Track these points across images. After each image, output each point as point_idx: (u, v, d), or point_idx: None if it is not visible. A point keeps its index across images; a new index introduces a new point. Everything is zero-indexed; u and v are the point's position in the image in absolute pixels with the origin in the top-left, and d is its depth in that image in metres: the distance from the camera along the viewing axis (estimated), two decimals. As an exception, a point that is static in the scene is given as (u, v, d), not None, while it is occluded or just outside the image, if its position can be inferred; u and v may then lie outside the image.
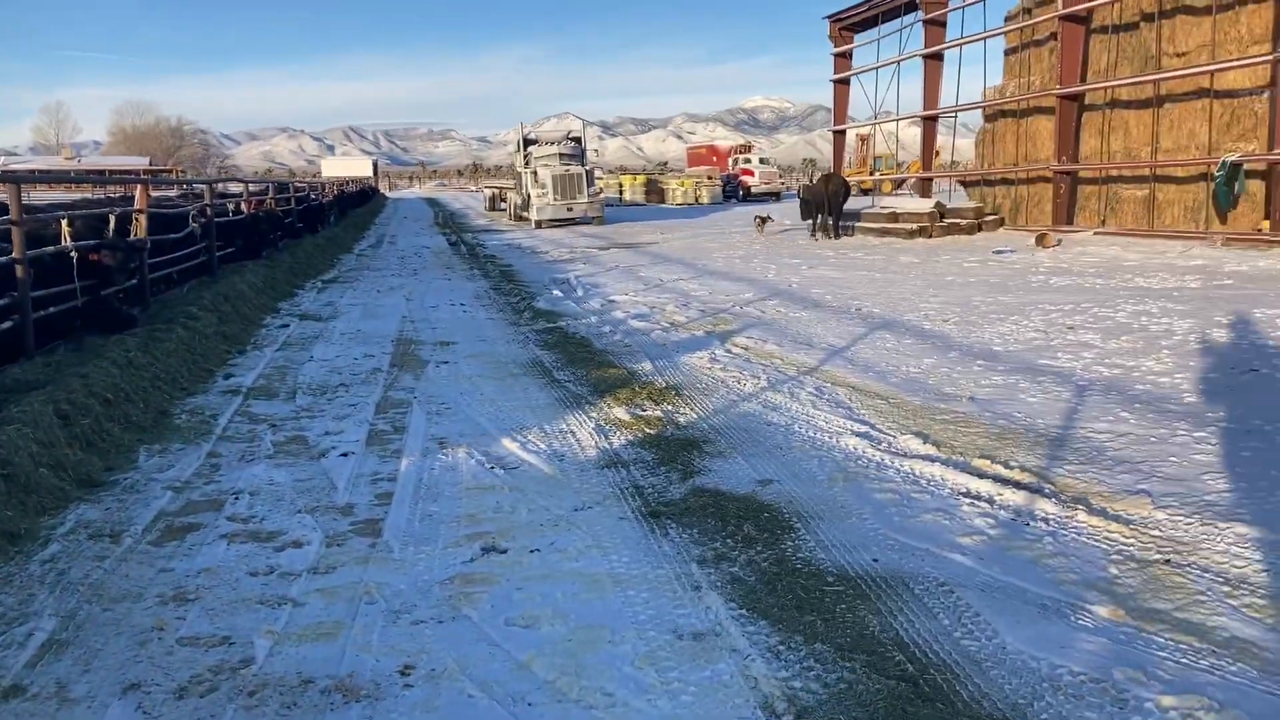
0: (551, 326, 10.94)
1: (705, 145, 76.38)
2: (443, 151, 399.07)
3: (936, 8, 25.48)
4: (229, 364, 8.66)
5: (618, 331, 10.52)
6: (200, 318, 9.16)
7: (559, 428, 6.48)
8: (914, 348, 9.02)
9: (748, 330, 10.38)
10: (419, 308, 12.86)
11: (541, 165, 33.68)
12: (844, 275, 15.32)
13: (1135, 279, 12.81)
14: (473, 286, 15.57)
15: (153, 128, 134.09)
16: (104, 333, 7.90)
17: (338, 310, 12.53)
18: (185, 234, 12.05)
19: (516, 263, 19.99)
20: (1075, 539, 4.37)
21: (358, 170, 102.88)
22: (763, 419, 6.61)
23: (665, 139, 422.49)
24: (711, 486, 5.15)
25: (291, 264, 16.15)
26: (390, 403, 7.26)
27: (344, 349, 9.62)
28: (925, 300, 11.98)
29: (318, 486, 5.26)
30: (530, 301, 13.18)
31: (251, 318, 10.93)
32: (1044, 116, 22.62)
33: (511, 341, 10.05)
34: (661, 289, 14.58)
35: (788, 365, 8.47)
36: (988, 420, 6.44)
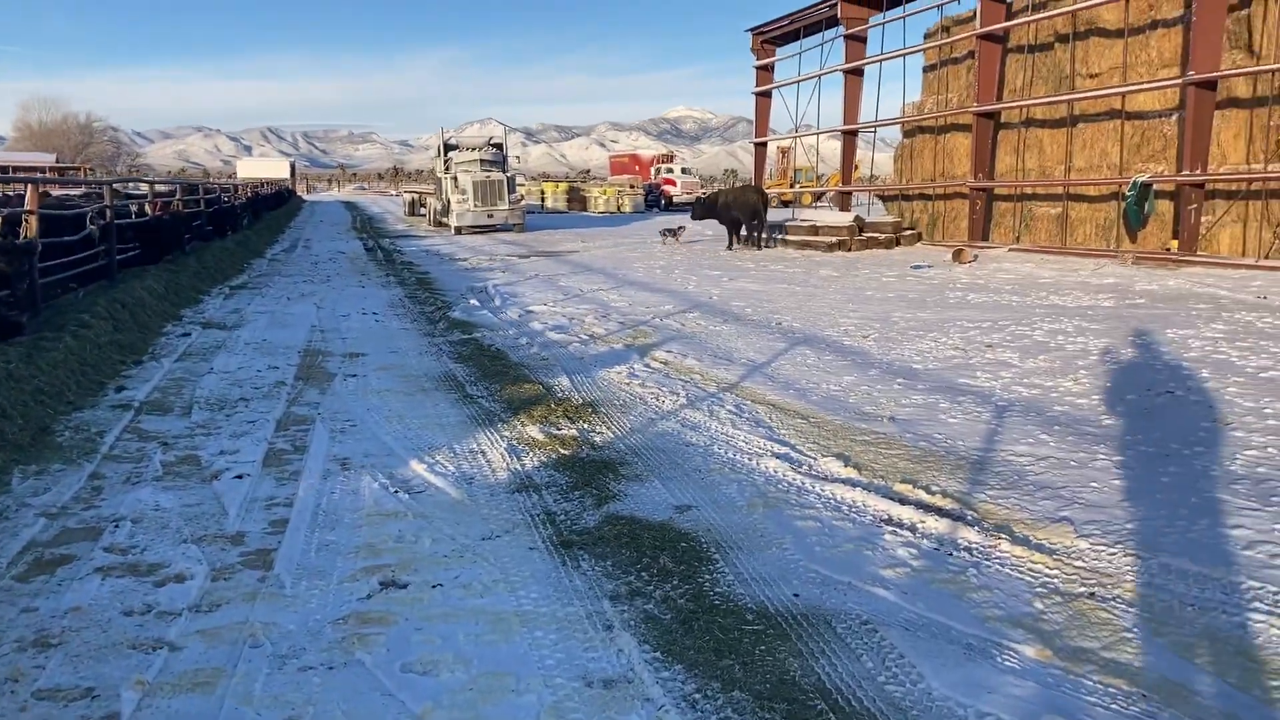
0: (467, 338, 10.64)
1: (628, 154, 76.40)
2: (363, 154, 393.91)
3: (857, 24, 25.69)
4: (122, 376, 8.21)
5: (535, 344, 10.27)
6: (93, 325, 8.68)
7: (469, 448, 6.21)
8: (834, 364, 8.92)
9: (668, 344, 10.20)
10: (330, 316, 12.44)
11: (462, 171, 33.24)
12: (764, 288, 15.26)
13: (1050, 297, 12.95)
14: (387, 294, 15.16)
15: (60, 124, 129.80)
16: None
17: (244, 318, 12.06)
18: (83, 236, 11.48)
19: (434, 270, 19.59)
20: (999, 570, 4.25)
21: (275, 172, 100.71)
22: (681, 439, 6.42)
23: (588, 147, 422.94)
24: (627, 513, 4.93)
25: (198, 268, 15.56)
26: (292, 419, 6.91)
27: (247, 360, 9.21)
28: (845, 315, 11.94)
29: (208, 512, 4.92)
30: (446, 311, 12.85)
31: (151, 326, 10.43)
32: (961, 133, 22.93)
33: (424, 353, 9.73)
34: (581, 299, 14.35)
35: (707, 381, 8.30)
36: (909, 442, 6.34)
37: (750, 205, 24.28)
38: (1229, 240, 16.18)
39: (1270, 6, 15.39)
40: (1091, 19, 18.94)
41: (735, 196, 25.36)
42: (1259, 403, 6.92)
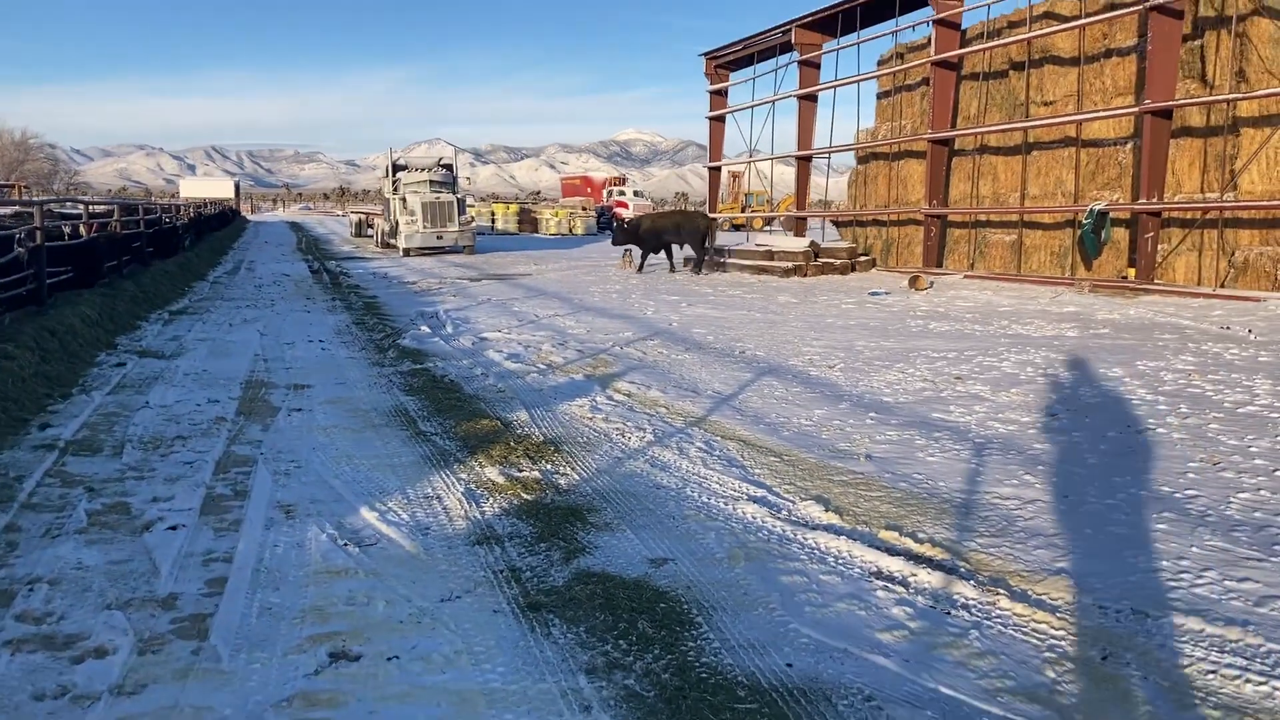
0: (418, 368, 10.20)
1: (580, 176, 76.18)
2: (309, 174, 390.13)
3: (811, 49, 25.66)
4: (48, 411, 7.66)
5: (490, 374, 9.86)
6: (17, 356, 8.13)
7: (424, 492, 5.79)
8: (803, 396, 8.63)
9: (630, 374, 9.85)
10: (274, 344, 11.93)
11: (411, 192, 32.74)
12: (724, 315, 14.98)
13: (1012, 325, 12.80)
14: (334, 320, 14.66)
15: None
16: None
17: (184, 347, 11.50)
18: (9, 260, 10.88)
19: (382, 294, 19.08)
20: (1002, 632, 3.94)
21: (218, 191, 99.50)
22: (651, 481, 6.06)
23: (538, 168, 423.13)
24: (599, 569, 4.56)
25: (136, 293, 14.94)
26: (233, 460, 6.45)
27: (186, 393, 8.70)
28: (808, 344, 11.67)
29: (136, 571, 4.46)
30: (396, 339, 12.39)
31: (82, 355, 9.86)
32: (915, 160, 22.93)
33: (374, 385, 9.28)
34: (537, 326, 13.96)
35: (674, 415, 7.96)
36: (888, 482, 6.03)
37: (699, 230, 24.20)
38: (1184, 269, 16.21)
39: (1223, 38, 15.48)
40: (1046, 47, 19.00)
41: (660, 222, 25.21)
42: (1243, 440, 6.72)
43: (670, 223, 25.13)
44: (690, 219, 25.40)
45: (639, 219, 26.34)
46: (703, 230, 24.21)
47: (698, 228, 24.38)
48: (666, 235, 24.48)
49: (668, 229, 24.67)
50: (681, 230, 24.51)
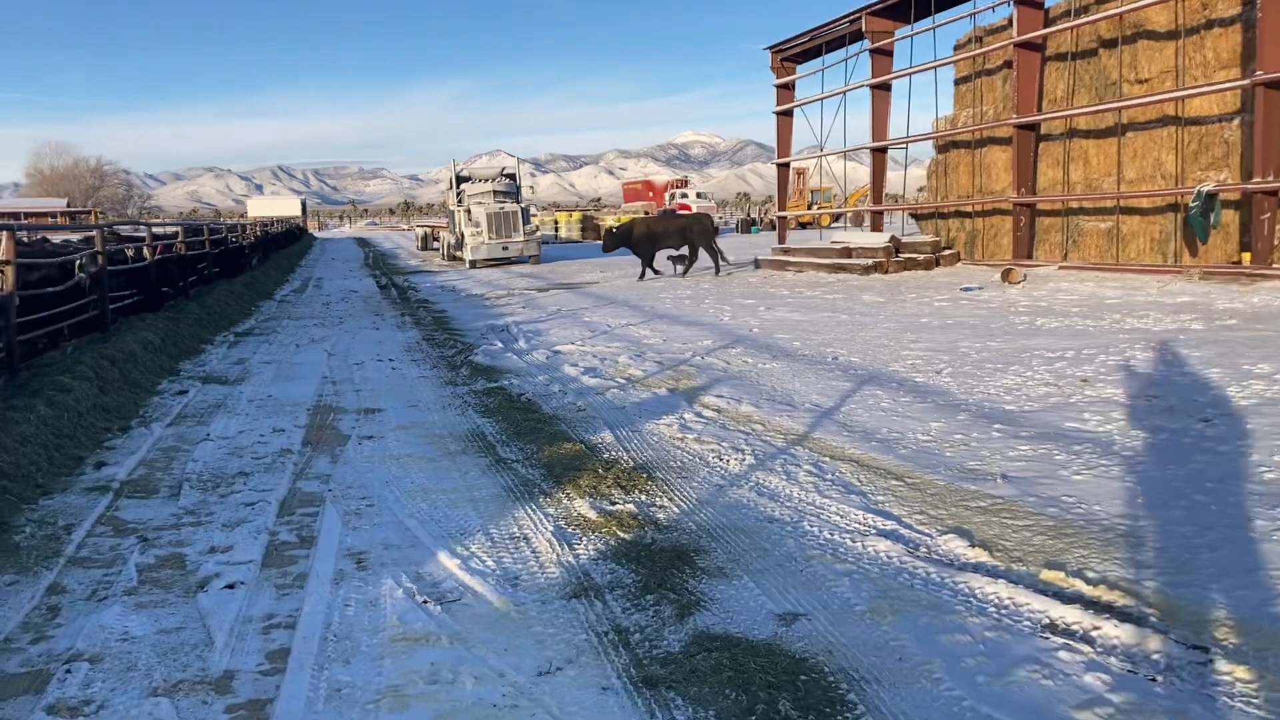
0: (493, 386, 9.61)
1: (642, 181, 75.72)
2: (374, 190, 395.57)
3: (882, 37, 24.74)
4: (105, 447, 7.18)
5: (568, 391, 9.24)
6: (74, 388, 7.68)
7: (509, 531, 5.16)
8: (914, 407, 7.85)
9: (716, 387, 9.15)
10: (342, 365, 11.44)
11: (475, 203, 32.39)
12: (808, 318, 14.21)
13: (1126, 319, 11.84)
14: (403, 337, 14.17)
15: (71, 169, 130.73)
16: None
17: (248, 371, 11.05)
18: (70, 286, 10.53)
19: (451, 308, 18.62)
20: (1230, 707, 3.17)
21: (285, 210, 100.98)
22: (761, 513, 5.35)
23: (597, 175, 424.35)
24: (720, 629, 3.87)
25: (201, 315, 14.61)
26: (299, 499, 5.88)
27: (250, 422, 8.20)
28: (906, 347, 10.87)
29: (188, 643, 3.88)
30: (468, 355, 11.83)
31: (143, 384, 9.44)
32: (999, 147, 21.89)
33: (447, 407, 8.71)
34: (611, 336, 13.33)
35: (772, 433, 7.24)
36: (1034, 508, 5.26)
37: (706, 230, 23.61)
38: (1303, 251, 15.03)
39: (1340, -1, 14.32)
40: (1139, 21, 17.89)
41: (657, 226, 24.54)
42: None
43: (671, 227, 24.32)
44: (697, 220, 24.67)
45: (630, 224, 25.38)
46: (709, 230, 23.57)
47: (705, 229, 23.75)
48: (664, 240, 23.63)
49: (665, 233, 23.79)
50: (688, 233, 23.73)
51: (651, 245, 23.47)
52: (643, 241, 23.43)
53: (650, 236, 23.58)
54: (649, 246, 23.42)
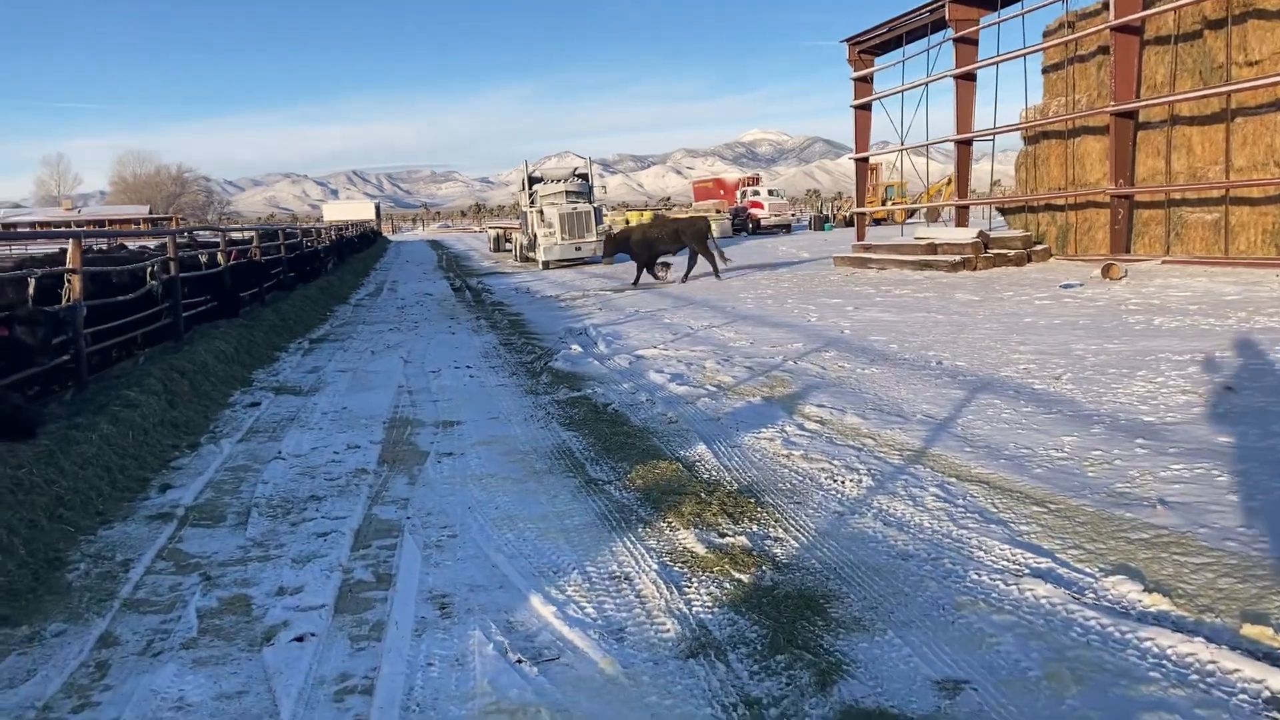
0: (576, 395, 9.08)
1: (712, 179, 74.94)
2: (446, 193, 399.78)
3: (967, 25, 23.77)
4: (171, 467, 6.78)
5: (656, 400, 8.67)
6: (141, 403, 7.30)
7: (608, 569, 4.59)
8: (1038, 418, 7.14)
9: (814, 394, 8.52)
10: (418, 373, 11.01)
11: (548, 204, 32.05)
12: (901, 318, 13.47)
13: (1255, 317, 10.92)
14: (479, 342, 13.73)
15: (154, 176, 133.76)
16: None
17: (323, 380, 10.66)
18: (141, 294, 10.24)
19: (526, 310, 18.19)
20: None
21: (360, 214, 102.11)
22: (891, 547, 4.72)
23: (665, 174, 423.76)
24: (871, 701, 3.25)
25: (275, 321, 14.33)
26: (375, 528, 5.38)
27: (324, 437, 7.76)
28: (1014, 349, 10.11)
29: (250, 712, 3.37)
30: (547, 360, 11.33)
31: (214, 395, 9.07)
32: (1093, 136, 20.85)
33: (530, 419, 8.19)
34: (694, 339, 12.74)
35: (886, 449, 6.59)
36: (1208, 541, 4.55)
37: (701, 233, 23.21)
38: None
39: None
40: (1249, 0, 16.80)
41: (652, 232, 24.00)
42: None
43: (665, 231, 23.99)
44: (690, 223, 24.32)
45: (629, 230, 25.40)
46: (703, 233, 23.28)
47: (699, 231, 23.42)
48: (659, 245, 23.44)
49: (661, 238, 23.56)
50: (682, 236, 23.42)
51: (647, 250, 23.44)
52: (639, 247, 23.46)
53: (646, 242, 23.54)
54: (645, 252, 23.42)
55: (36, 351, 6.80)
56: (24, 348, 6.72)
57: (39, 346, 6.81)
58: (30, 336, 6.73)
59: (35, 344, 6.77)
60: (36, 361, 6.86)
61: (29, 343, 6.74)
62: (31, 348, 6.75)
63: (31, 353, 6.77)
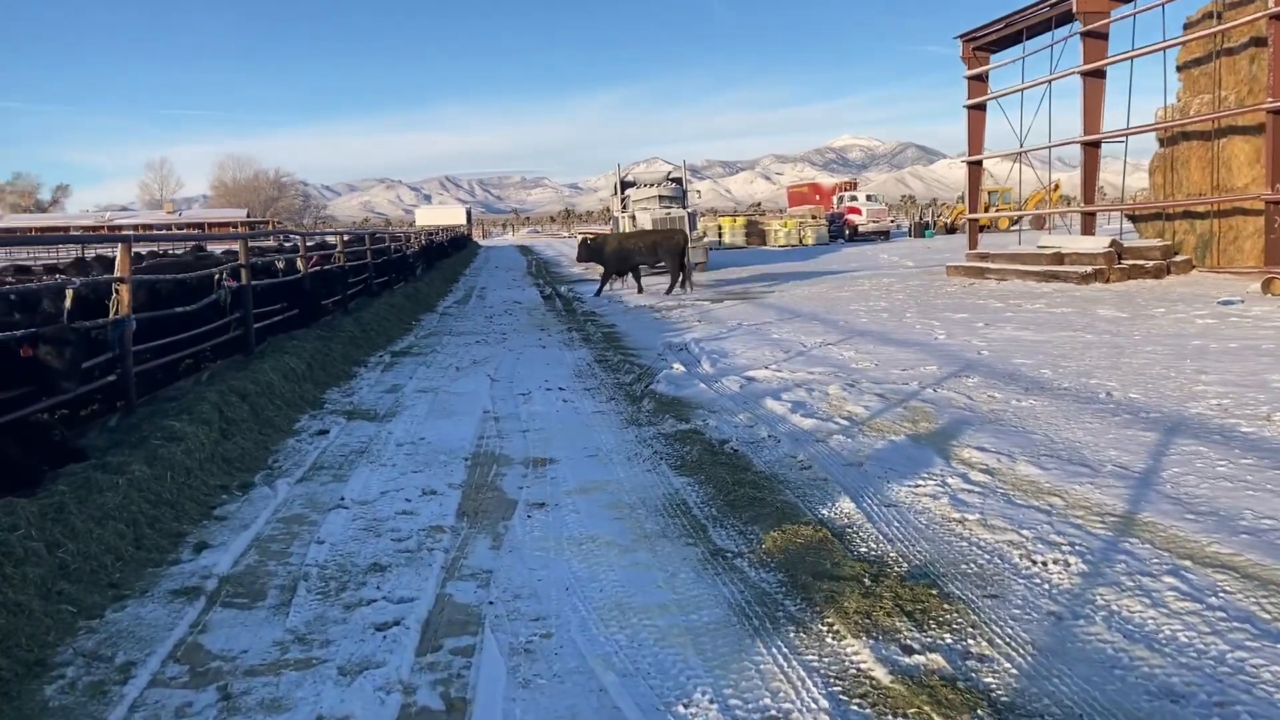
0: (685, 429, 7.85)
1: (808, 184, 73.26)
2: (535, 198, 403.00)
3: (1096, 18, 21.97)
4: (215, 516, 5.72)
5: (780, 436, 7.41)
6: (186, 436, 6.28)
7: (758, 702, 3.36)
8: (1268, 474, 5.71)
9: (968, 433, 7.18)
10: (506, 394, 9.91)
11: (640, 209, 30.90)
12: (1043, 337, 11.98)
13: None
14: (572, 358, 12.61)
15: (252, 181, 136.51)
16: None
17: (400, 402, 9.60)
18: (204, 305, 9.31)
19: (620, 322, 17.03)
20: None
21: (451, 219, 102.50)
22: (1151, 679, 3.40)
23: (753, 180, 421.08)
24: None
25: (355, 332, 13.38)
26: (449, 617, 4.22)
27: (396, 477, 6.65)
28: (1195, 380, 8.62)
29: None
30: (648, 383, 10.14)
31: (277, 422, 8.05)
32: (1243, 137, 18.95)
33: (634, 459, 6.99)
34: (808, 357, 11.44)
35: (1081, 512, 5.25)
36: None
37: (677, 248, 22.66)
38: None
39: None
40: None
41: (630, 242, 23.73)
42: None
43: (642, 243, 23.53)
44: (668, 237, 23.61)
45: (605, 238, 25.44)
46: (680, 247, 22.66)
47: (676, 245, 22.74)
48: (635, 257, 23.13)
49: (638, 249, 23.19)
50: (659, 249, 22.97)
51: (620, 261, 23.27)
52: (613, 257, 23.30)
53: (621, 252, 23.31)
54: (617, 262, 23.28)
55: (62, 375, 5.81)
56: (48, 371, 5.75)
57: (65, 370, 5.82)
58: (56, 358, 5.75)
59: (61, 367, 5.79)
60: (62, 387, 5.87)
61: (55, 366, 5.76)
62: (56, 371, 5.77)
63: (56, 377, 5.78)
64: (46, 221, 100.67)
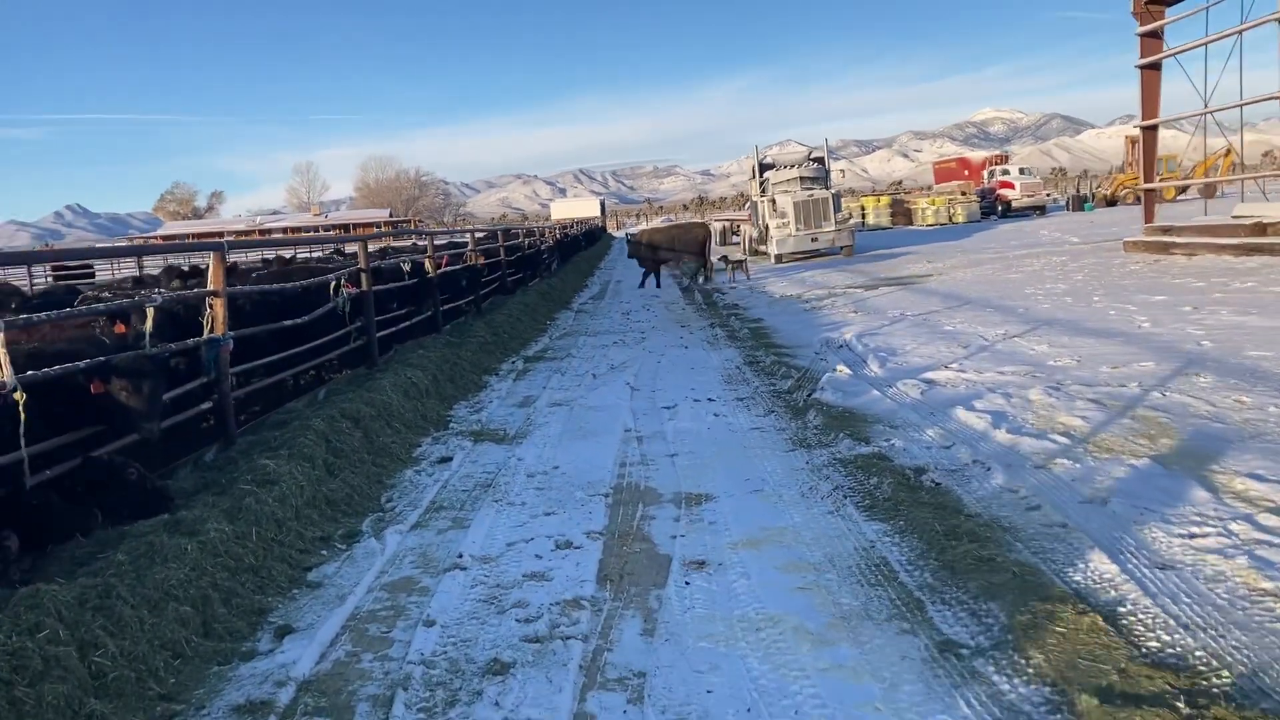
0: (866, 452, 6.54)
1: (955, 158, 69.93)
2: (668, 187, 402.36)
3: (1296, -45, 19.49)
4: (305, 583, 4.70)
5: (988, 461, 6.04)
6: (282, 478, 5.32)
7: None
8: None
9: (1227, 453, 5.69)
10: (649, 408, 8.76)
11: (780, 192, 29.41)
12: (1274, 322, 10.17)
13: None
14: (718, 360, 11.39)
15: (394, 181, 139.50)
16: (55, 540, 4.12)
17: (533, 419, 8.55)
18: (319, 316, 8.46)
19: (767, 315, 15.72)
20: None
21: (585, 211, 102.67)
22: None
23: (890, 158, 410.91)
24: None
25: (486, 337, 12.46)
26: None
27: (525, 521, 5.57)
28: None
29: None
30: (810, 389, 8.86)
31: (395, 449, 7.08)
32: None
33: (809, 494, 5.74)
34: (993, 353, 9.96)
35: None
36: None
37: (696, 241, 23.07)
38: None
39: None
40: None
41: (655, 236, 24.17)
42: None
43: (664, 237, 23.98)
44: (686, 230, 24.12)
45: (640, 233, 25.68)
46: (700, 241, 22.97)
47: (695, 239, 23.07)
48: (661, 251, 23.46)
49: (661, 244, 23.59)
50: (675, 244, 23.39)
51: (652, 255, 23.63)
52: (646, 252, 23.72)
53: (651, 247, 23.70)
54: (650, 258, 23.66)
55: (140, 416, 4.87)
56: (123, 411, 4.82)
57: (144, 409, 4.88)
58: (133, 395, 4.82)
59: (139, 405, 4.85)
60: (141, 430, 4.94)
61: (131, 405, 4.82)
62: (133, 412, 4.83)
63: (134, 418, 4.86)
64: (202, 227, 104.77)
